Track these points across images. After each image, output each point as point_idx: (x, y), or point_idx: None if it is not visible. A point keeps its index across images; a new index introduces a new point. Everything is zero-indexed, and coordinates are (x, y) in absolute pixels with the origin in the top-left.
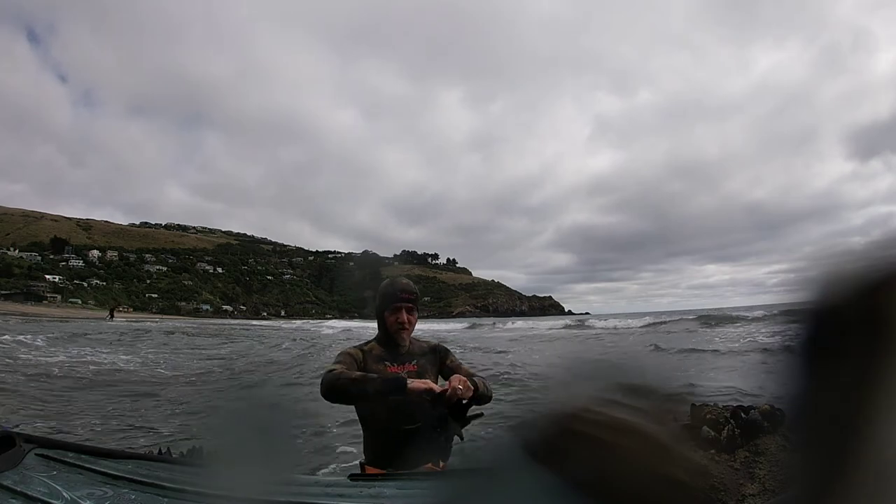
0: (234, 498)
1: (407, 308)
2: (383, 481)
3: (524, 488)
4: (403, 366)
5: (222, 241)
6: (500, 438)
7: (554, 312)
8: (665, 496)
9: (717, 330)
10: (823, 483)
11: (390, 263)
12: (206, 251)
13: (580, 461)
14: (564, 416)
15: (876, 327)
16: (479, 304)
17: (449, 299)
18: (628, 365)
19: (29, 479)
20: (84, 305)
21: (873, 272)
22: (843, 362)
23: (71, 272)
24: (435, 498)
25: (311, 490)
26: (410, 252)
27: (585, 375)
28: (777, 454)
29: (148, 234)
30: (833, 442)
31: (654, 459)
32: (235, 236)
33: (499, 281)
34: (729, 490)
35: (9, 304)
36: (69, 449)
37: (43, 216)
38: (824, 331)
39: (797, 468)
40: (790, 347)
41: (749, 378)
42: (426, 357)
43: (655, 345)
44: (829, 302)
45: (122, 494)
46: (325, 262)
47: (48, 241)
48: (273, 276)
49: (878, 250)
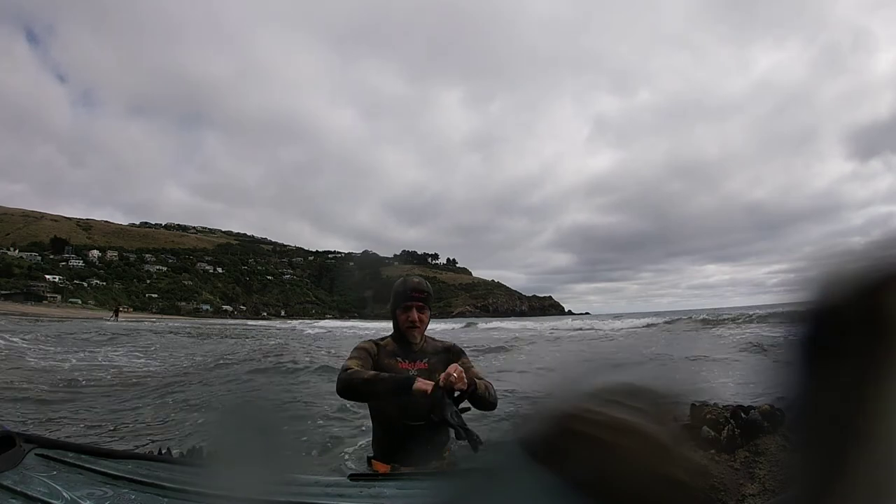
0: (234, 498)
1: (418, 307)
2: (383, 481)
3: (524, 488)
4: (415, 363)
5: (222, 241)
6: (500, 438)
7: (554, 312)
8: (665, 496)
9: (717, 330)
10: (823, 483)
11: (390, 263)
12: (206, 251)
13: (580, 461)
14: (564, 416)
15: (876, 327)
16: (479, 304)
17: (449, 299)
18: (628, 365)
19: (29, 479)
20: (84, 305)
21: (873, 272)
22: (843, 362)
23: (71, 272)
24: (435, 498)
25: (311, 490)
26: (410, 252)
27: (585, 376)
28: (777, 454)
29: (148, 234)
30: (833, 442)
31: (654, 459)
32: (235, 236)
33: (499, 281)
34: (729, 490)
35: (9, 304)
36: (69, 449)
37: (43, 216)
38: (824, 331)
39: (797, 468)
40: (790, 347)
41: (749, 378)
42: (438, 356)
43: (655, 345)
44: (829, 302)
45: (122, 494)
46: (325, 262)
47: (48, 241)
48: (273, 276)
49: (878, 250)
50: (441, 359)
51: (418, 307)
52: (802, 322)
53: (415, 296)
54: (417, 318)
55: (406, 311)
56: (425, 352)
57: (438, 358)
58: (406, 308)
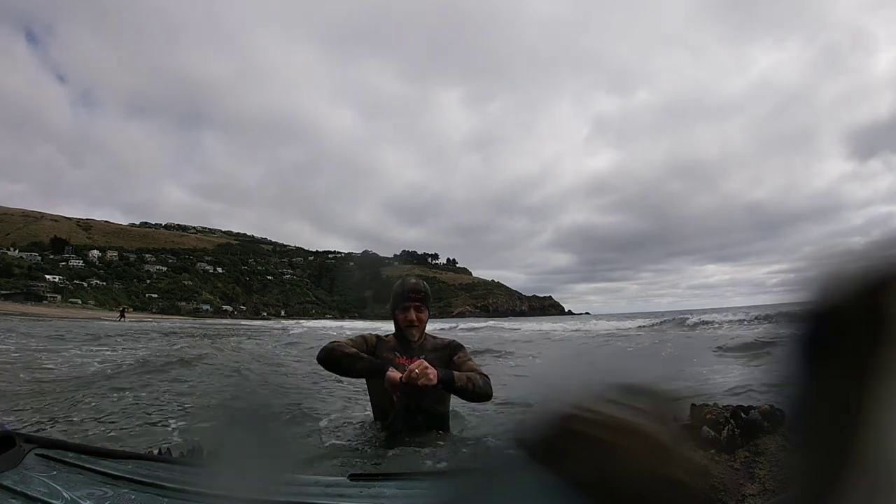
0: (234, 498)
1: (415, 307)
2: (383, 481)
3: (524, 488)
4: (412, 359)
5: (222, 241)
6: (500, 438)
7: (554, 312)
8: (665, 496)
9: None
10: (823, 483)
11: (390, 263)
12: (206, 251)
13: (580, 461)
14: (564, 416)
15: (876, 327)
16: (479, 304)
17: (449, 299)
18: (628, 365)
19: (29, 479)
20: (84, 305)
21: (873, 272)
22: (843, 362)
23: (71, 272)
24: (435, 498)
25: (311, 490)
26: (410, 252)
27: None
28: (777, 454)
29: (148, 234)
30: (833, 442)
31: (654, 459)
32: (235, 236)
33: (499, 281)
34: (729, 490)
35: (9, 303)
36: (69, 449)
37: (43, 216)
38: (824, 331)
39: (797, 468)
40: (790, 347)
41: (749, 378)
42: (437, 353)
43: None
44: (829, 302)
45: (122, 494)
46: (325, 262)
47: (48, 241)
48: (273, 276)
49: (878, 250)
50: (439, 355)
51: (416, 307)
52: (802, 322)
53: (412, 296)
54: (415, 318)
55: (404, 311)
56: (424, 349)
57: (437, 354)
58: (404, 308)
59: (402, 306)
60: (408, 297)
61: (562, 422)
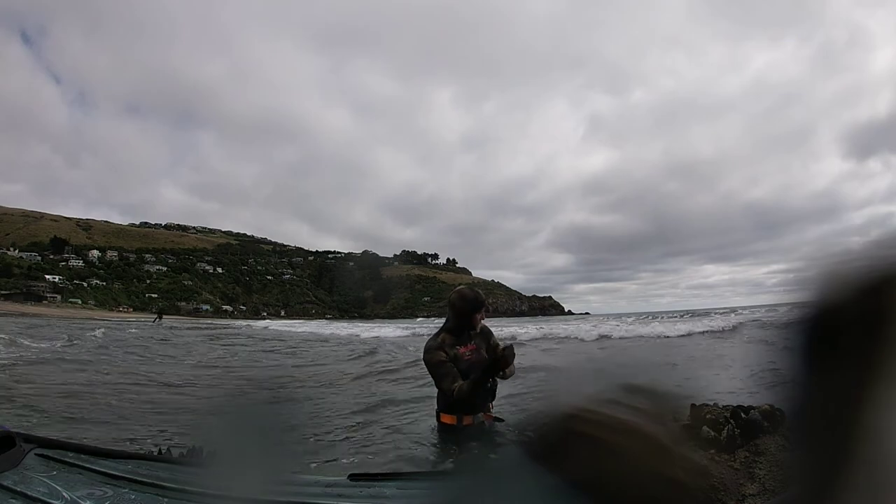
0: (234, 498)
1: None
2: (383, 481)
3: (524, 488)
4: (467, 346)
5: (222, 241)
6: (499, 439)
7: (554, 312)
8: (665, 496)
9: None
10: (823, 483)
11: (390, 263)
12: (206, 251)
13: (580, 461)
14: (564, 416)
15: (876, 327)
16: None
17: None
18: (628, 365)
19: (29, 479)
20: (84, 305)
21: (873, 272)
22: (843, 362)
23: (71, 272)
24: (435, 498)
25: (311, 490)
26: (410, 252)
27: (585, 377)
28: (777, 454)
29: (148, 234)
30: (833, 442)
31: (654, 459)
32: (235, 236)
33: (498, 281)
34: (729, 490)
35: (9, 304)
36: (69, 449)
37: (43, 216)
38: (824, 331)
39: (797, 468)
40: (790, 347)
41: (748, 378)
42: (480, 336)
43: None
44: (829, 302)
45: (122, 494)
46: (324, 262)
47: (48, 241)
48: (273, 276)
49: (878, 250)
50: (481, 338)
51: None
52: (802, 322)
53: (482, 305)
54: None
55: (479, 314)
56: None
57: (480, 338)
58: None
59: (481, 312)
60: (483, 305)
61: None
